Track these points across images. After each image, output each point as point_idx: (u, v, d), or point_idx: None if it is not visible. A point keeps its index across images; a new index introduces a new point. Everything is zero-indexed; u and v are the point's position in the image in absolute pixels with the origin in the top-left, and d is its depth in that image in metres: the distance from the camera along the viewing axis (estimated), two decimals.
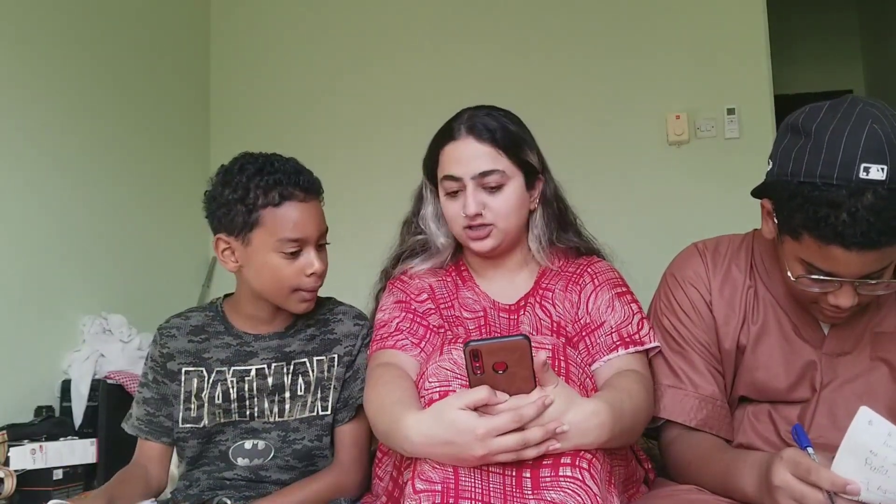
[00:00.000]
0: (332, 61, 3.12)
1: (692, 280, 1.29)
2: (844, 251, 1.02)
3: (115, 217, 2.47)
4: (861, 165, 1.00)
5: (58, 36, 2.27)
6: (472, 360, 0.99)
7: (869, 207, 0.99)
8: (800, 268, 1.10)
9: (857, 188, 1.00)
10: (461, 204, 1.33)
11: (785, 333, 1.24)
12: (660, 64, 2.86)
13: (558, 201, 1.44)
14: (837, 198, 1.00)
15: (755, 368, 1.24)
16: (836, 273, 1.05)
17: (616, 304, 1.32)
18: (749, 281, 1.26)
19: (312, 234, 1.31)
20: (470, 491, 1.00)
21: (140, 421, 1.42)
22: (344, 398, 1.40)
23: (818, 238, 1.04)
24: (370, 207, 2.82)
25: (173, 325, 1.44)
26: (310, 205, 1.32)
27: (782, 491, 0.96)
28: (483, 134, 1.34)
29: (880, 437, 0.86)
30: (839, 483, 0.90)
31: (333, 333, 1.42)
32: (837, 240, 1.01)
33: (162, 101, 2.81)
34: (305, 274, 1.31)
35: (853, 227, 1.00)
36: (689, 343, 1.27)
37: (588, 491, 0.99)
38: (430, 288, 1.41)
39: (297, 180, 1.30)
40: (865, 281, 1.06)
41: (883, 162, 1.00)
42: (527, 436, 0.98)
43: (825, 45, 4.67)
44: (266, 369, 1.38)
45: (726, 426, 1.25)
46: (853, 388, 1.19)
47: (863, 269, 1.04)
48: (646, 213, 2.77)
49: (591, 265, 1.40)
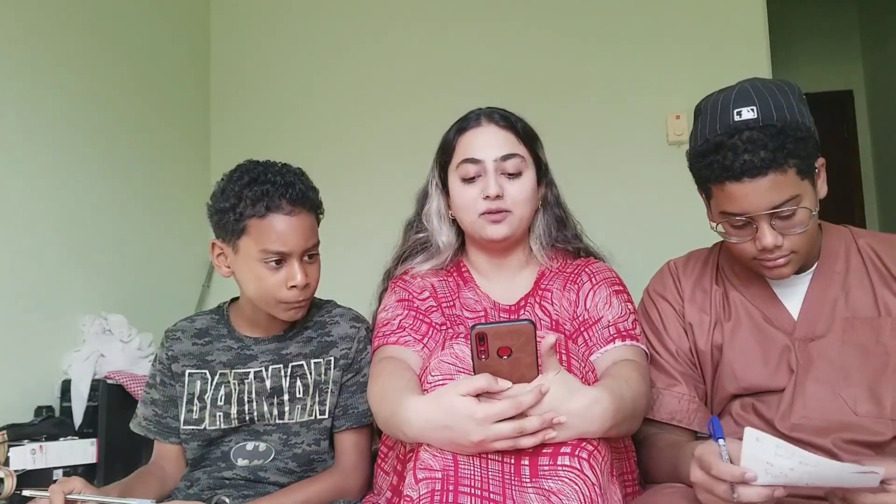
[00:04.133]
0: (333, 62, 3.12)
1: (664, 294, 1.39)
2: (738, 184, 1.15)
3: (116, 217, 2.47)
4: (734, 111, 1.17)
5: (58, 36, 2.27)
6: (477, 344, 1.00)
7: (746, 140, 1.14)
8: (725, 224, 1.22)
9: (734, 129, 1.16)
10: (479, 189, 1.35)
11: (756, 324, 1.30)
12: (660, 64, 2.86)
13: (559, 207, 1.46)
14: (719, 142, 1.17)
15: (734, 362, 1.30)
16: (746, 211, 1.16)
17: (613, 301, 1.35)
18: (717, 286, 1.36)
19: (296, 247, 1.30)
20: (469, 478, 1.01)
21: (148, 421, 1.45)
22: (343, 406, 1.41)
23: (716, 182, 1.18)
24: (371, 207, 2.83)
25: (179, 328, 1.47)
26: (296, 218, 1.30)
27: (697, 486, 1.01)
28: (502, 122, 1.39)
29: (770, 450, 0.92)
30: (737, 473, 0.94)
31: (330, 336, 1.43)
32: (727, 175, 1.15)
33: (162, 101, 2.81)
34: (287, 286, 1.31)
35: (735, 160, 1.14)
36: (660, 354, 1.35)
37: (586, 480, 0.99)
38: (432, 287, 1.42)
39: (284, 193, 1.29)
40: (777, 212, 1.15)
41: (752, 104, 1.17)
42: (524, 423, 0.99)
43: (825, 45, 4.67)
44: (264, 372, 1.39)
45: (698, 420, 1.31)
46: (829, 373, 1.24)
47: (763, 199, 1.15)
48: (646, 213, 2.77)
49: (588, 265, 1.42)
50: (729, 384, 1.30)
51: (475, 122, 1.40)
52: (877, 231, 1.41)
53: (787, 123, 1.15)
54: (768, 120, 1.15)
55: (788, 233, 1.18)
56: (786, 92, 1.19)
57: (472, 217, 1.37)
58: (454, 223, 1.46)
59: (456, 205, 1.40)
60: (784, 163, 1.14)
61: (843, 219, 1.44)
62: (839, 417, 1.21)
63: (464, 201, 1.37)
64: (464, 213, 1.39)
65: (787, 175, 1.14)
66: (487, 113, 1.41)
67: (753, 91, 1.19)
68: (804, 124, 1.17)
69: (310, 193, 1.34)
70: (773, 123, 1.14)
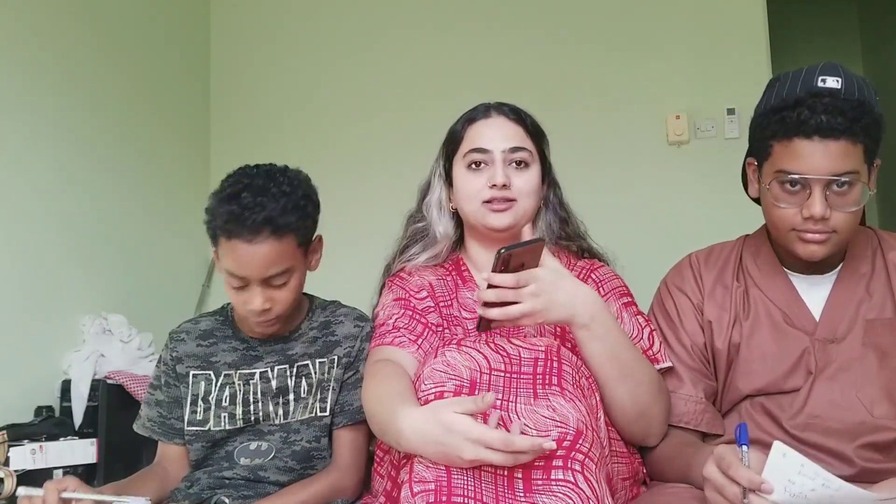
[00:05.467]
0: (333, 62, 3.12)
1: (683, 287, 1.36)
2: (807, 141, 1.14)
3: (116, 217, 2.47)
4: (819, 78, 1.18)
5: (58, 36, 2.27)
6: (499, 264, 1.11)
7: (827, 104, 1.13)
8: (776, 187, 1.19)
9: (816, 92, 1.16)
10: (485, 178, 1.35)
11: (776, 324, 1.28)
12: (660, 64, 2.86)
13: (562, 208, 1.46)
14: (800, 99, 1.16)
15: (751, 361, 1.28)
16: (807, 171, 1.15)
17: (624, 316, 1.33)
18: (738, 283, 1.33)
19: (253, 274, 1.27)
20: (462, 489, 1.00)
21: (152, 422, 1.45)
22: (342, 402, 1.40)
23: (784, 137, 1.17)
24: (372, 205, 2.82)
25: (183, 329, 1.47)
26: (257, 246, 1.25)
27: (708, 482, 1.00)
28: (512, 115, 1.40)
29: (794, 468, 0.92)
30: (755, 481, 0.93)
31: (335, 335, 1.43)
32: (799, 130, 1.14)
33: (162, 102, 2.81)
34: (246, 309, 1.31)
35: (812, 117, 1.13)
36: (673, 348, 1.33)
37: (581, 494, 0.98)
38: (430, 286, 1.41)
39: (246, 219, 1.24)
40: (836, 179, 1.14)
41: (838, 75, 1.17)
42: (518, 458, 0.97)
43: (825, 45, 4.67)
44: (269, 373, 1.39)
45: (706, 421, 1.29)
46: (847, 375, 1.22)
47: (828, 163, 1.13)
48: (646, 213, 2.77)
49: (594, 270, 1.41)
50: (743, 384, 1.28)
51: (484, 113, 1.40)
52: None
53: (867, 103, 1.16)
54: (850, 94, 1.16)
55: (839, 208, 1.16)
56: (868, 83, 1.21)
57: (475, 205, 1.36)
58: (454, 215, 1.45)
59: (459, 193, 1.39)
60: (857, 135, 1.14)
61: None
62: (855, 419, 1.20)
63: (468, 189, 1.37)
64: (466, 202, 1.38)
65: (856, 148, 1.14)
66: (497, 106, 1.41)
67: (840, 67, 1.20)
68: (880, 114, 1.18)
69: (283, 218, 1.27)
70: (856, 98, 1.15)
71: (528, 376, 1.08)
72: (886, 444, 1.18)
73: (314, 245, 1.40)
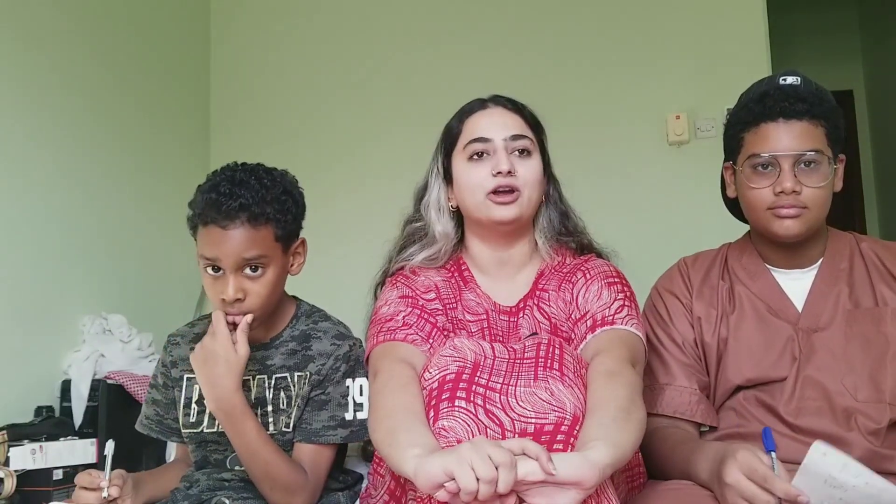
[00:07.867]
0: (333, 62, 3.12)
1: (673, 290, 1.43)
2: (773, 124, 1.27)
3: (116, 217, 2.47)
4: (780, 78, 1.32)
5: (58, 37, 2.27)
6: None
7: (788, 92, 1.28)
8: (749, 170, 1.30)
9: (778, 86, 1.30)
10: (488, 168, 1.32)
11: (761, 315, 1.35)
12: (660, 64, 2.86)
13: (562, 203, 1.45)
14: (764, 92, 1.30)
15: (739, 352, 1.34)
16: (775, 150, 1.26)
17: (604, 293, 1.31)
18: (724, 281, 1.41)
19: (227, 260, 1.27)
20: None
21: (150, 420, 1.47)
22: (303, 419, 1.36)
23: (752, 126, 1.30)
24: (369, 207, 2.82)
25: (179, 333, 1.49)
26: (231, 231, 1.26)
27: (732, 489, 1.01)
28: (510, 105, 1.39)
29: (836, 466, 0.91)
30: (792, 493, 0.94)
31: (311, 350, 1.39)
32: (765, 116, 1.28)
33: (162, 102, 2.81)
34: (220, 298, 1.30)
35: (774, 105, 1.27)
36: (665, 345, 1.39)
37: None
38: (436, 287, 1.39)
39: (220, 206, 1.26)
40: (801, 155, 1.25)
41: (797, 76, 1.31)
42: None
43: (825, 44, 4.67)
44: (250, 381, 1.38)
45: (701, 412, 1.34)
46: (831, 362, 1.28)
47: (793, 141, 1.26)
48: (646, 213, 2.77)
49: (586, 262, 1.40)
50: (733, 375, 1.33)
51: (481, 105, 1.39)
52: (877, 237, 1.46)
53: (825, 92, 1.31)
54: (810, 87, 1.30)
55: (808, 184, 1.26)
56: (826, 90, 1.34)
57: (479, 198, 1.33)
58: (454, 215, 1.43)
59: (462, 186, 1.36)
60: (817, 118, 1.27)
61: (843, 218, 1.47)
62: (841, 403, 1.25)
63: (471, 181, 1.34)
64: (470, 195, 1.35)
65: (818, 130, 1.27)
66: (493, 97, 1.40)
67: (799, 71, 1.34)
68: (838, 109, 1.31)
69: (259, 207, 1.28)
70: (814, 91, 1.29)
71: (530, 360, 1.10)
72: (876, 430, 1.23)
73: (296, 247, 1.38)
